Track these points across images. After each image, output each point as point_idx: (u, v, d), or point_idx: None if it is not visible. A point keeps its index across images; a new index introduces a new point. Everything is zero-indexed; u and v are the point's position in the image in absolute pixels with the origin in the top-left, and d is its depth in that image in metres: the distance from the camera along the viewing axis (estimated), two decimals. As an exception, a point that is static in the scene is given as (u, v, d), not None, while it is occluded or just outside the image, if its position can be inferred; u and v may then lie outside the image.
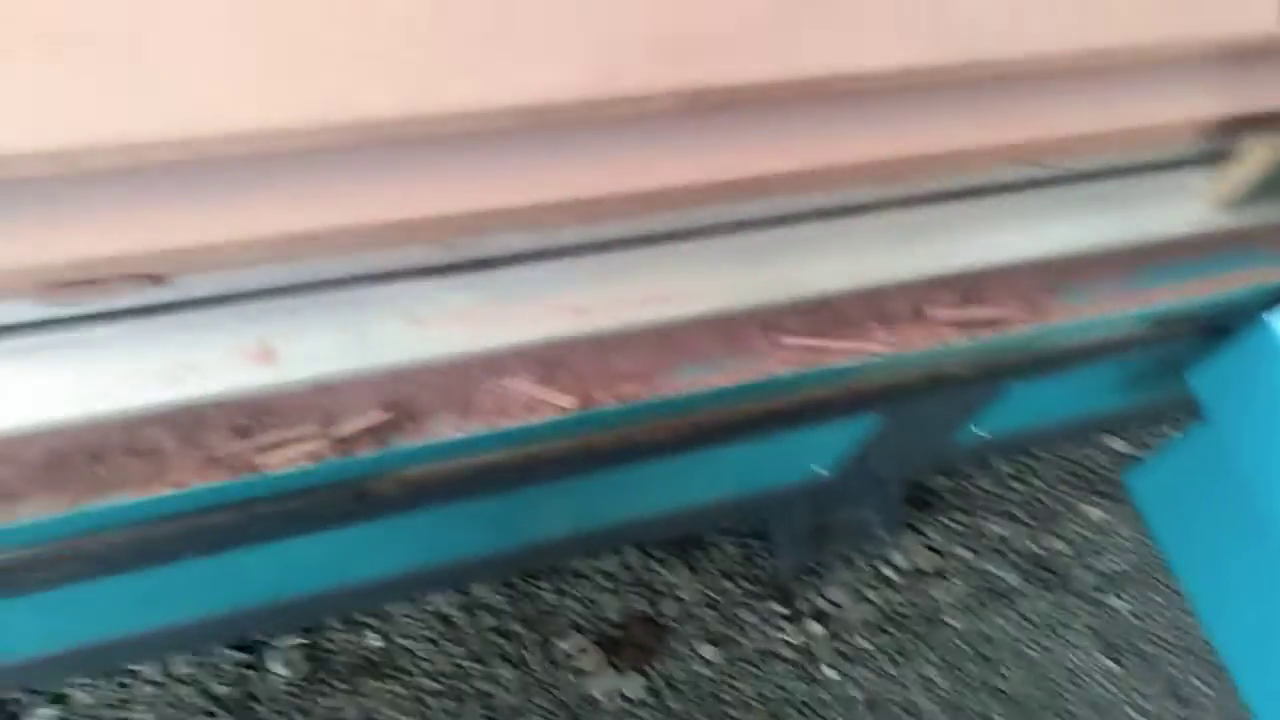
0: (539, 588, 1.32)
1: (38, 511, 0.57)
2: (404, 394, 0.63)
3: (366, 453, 0.61)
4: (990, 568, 1.46)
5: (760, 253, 0.68)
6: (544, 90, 0.60)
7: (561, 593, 1.32)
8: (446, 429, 0.63)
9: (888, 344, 0.69)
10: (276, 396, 0.61)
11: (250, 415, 0.60)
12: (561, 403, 0.64)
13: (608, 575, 1.35)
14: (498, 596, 1.28)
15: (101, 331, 0.60)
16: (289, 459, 0.60)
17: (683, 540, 1.40)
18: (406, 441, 0.62)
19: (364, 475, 0.62)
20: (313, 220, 0.62)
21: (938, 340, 0.69)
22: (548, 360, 0.66)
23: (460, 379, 0.64)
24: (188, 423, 0.60)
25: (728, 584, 1.38)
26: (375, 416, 0.62)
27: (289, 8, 0.62)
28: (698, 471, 1.10)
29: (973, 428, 1.15)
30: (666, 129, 0.68)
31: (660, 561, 1.37)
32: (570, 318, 0.66)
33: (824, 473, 1.20)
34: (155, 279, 0.61)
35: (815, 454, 1.16)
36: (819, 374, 0.68)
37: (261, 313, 0.62)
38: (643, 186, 0.68)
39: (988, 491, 1.50)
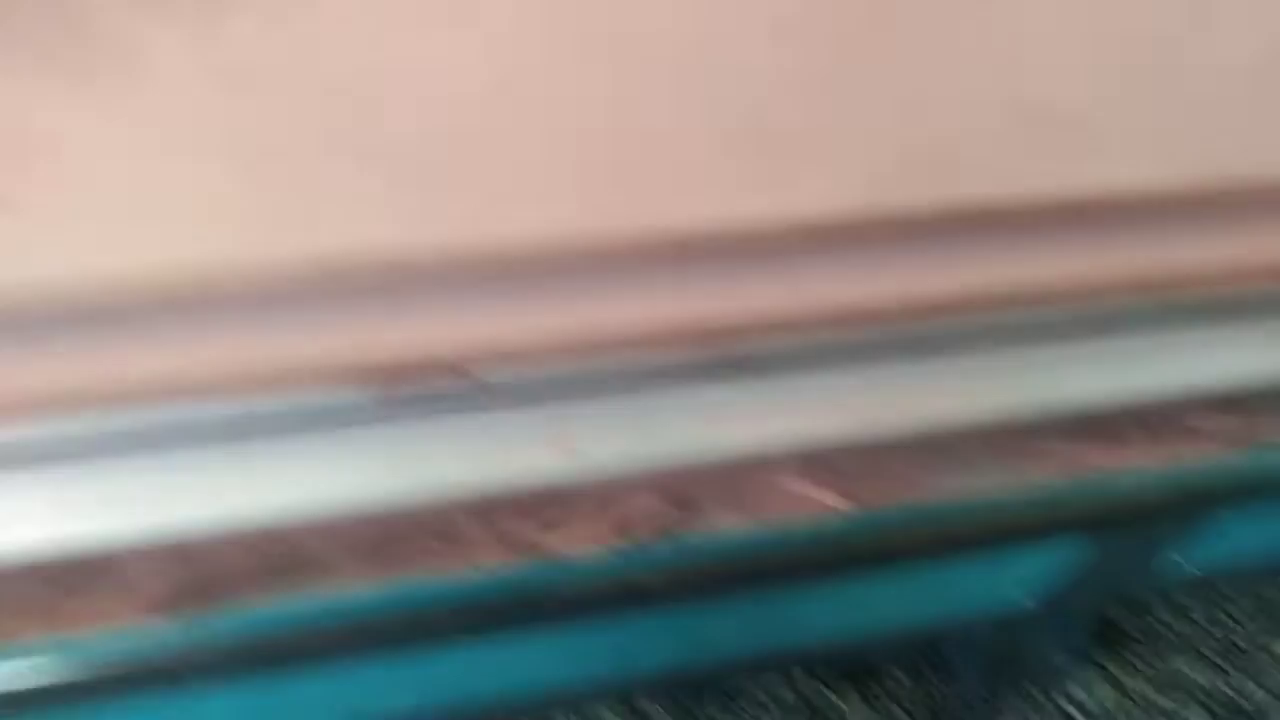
0: (705, 706, 1.30)
1: (349, 585, 0.60)
2: (687, 491, 0.66)
3: (654, 542, 0.64)
4: (1180, 710, 1.38)
5: (1026, 363, 0.71)
6: (820, 204, 0.65)
7: (730, 713, 1.29)
8: (727, 524, 0.65)
9: (1151, 455, 0.70)
10: (575, 490, 0.65)
11: (551, 504, 0.64)
12: (831, 501, 0.66)
13: (776, 698, 1.33)
14: (660, 709, 1.26)
15: (418, 424, 0.65)
16: (581, 544, 0.63)
17: (853, 667, 1.37)
18: (691, 534, 0.64)
19: (642, 567, 0.64)
20: (606, 325, 0.67)
21: (1200, 453, 0.70)
22: (817, 461, 0.68)
23: (738, 477, 0.67)
24: (494, 512, 0.63)
25: (901, 715, 1.33)
26: (664, 508, 0.65)
27: (606, 119, 0.68)
28: (891, 592, 1.09)
29: (1176, 558, 1.12)
30: (933, 242, 0.72)
31: (831, 688, 1.34)
32: (839, 420, 0.68)
33: (1018, 601, 1.17)
34: (466, 375, 0.67)
35: (1014, 579, 1.14)
36: (1075, 485, 0.69)
37: (564, 409, 0.66)
38: (905, 298, 0.72)
39: (1178, 629, 1.43)
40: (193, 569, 0.58)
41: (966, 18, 0.74)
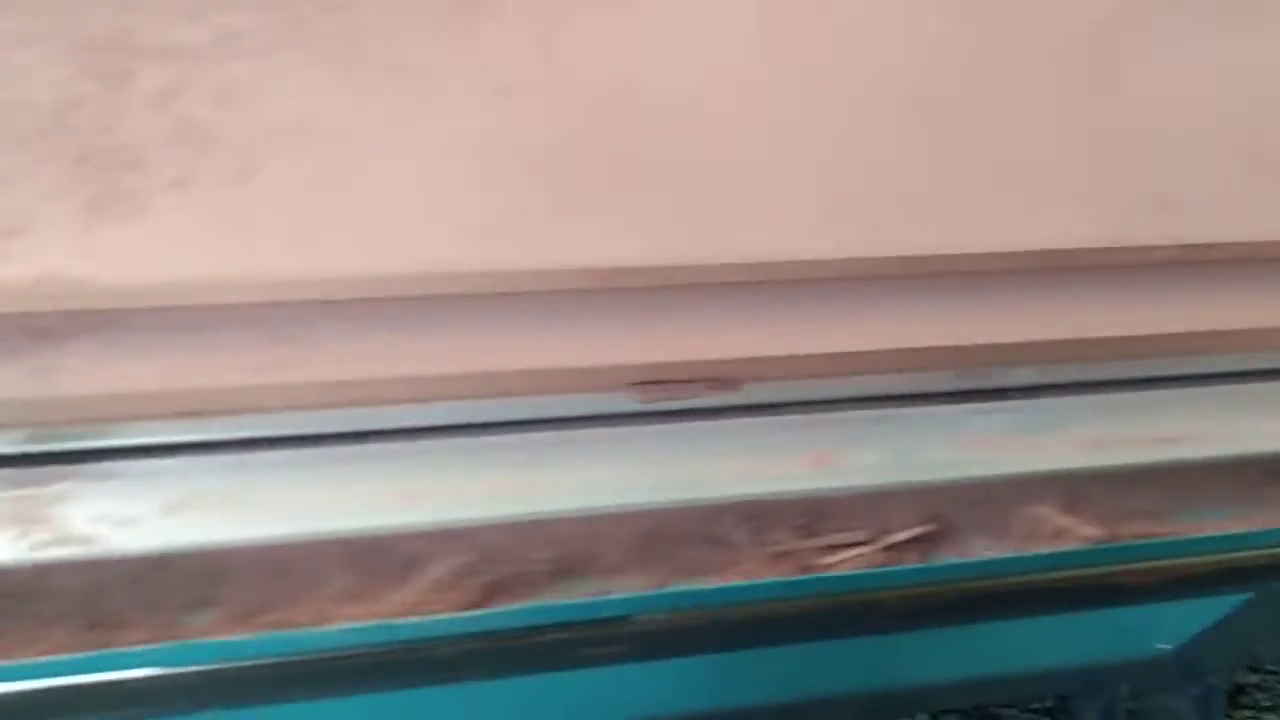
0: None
1: (633, 588, 0.62)
2: (941, 510, 0.67)
3: (913, 562, 0.65)
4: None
5: (1267, 402, 0.72)
6: (1056, 237, 0.67)
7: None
8: (981, 548, 0.66)
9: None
10: (831, 501, 0.66)
11: (810, 516, 0.65)
12: (1087, 533, 0.67)
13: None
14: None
15: (681, 428, 0.67)
16: (845, 562, 0.64)
17: (972, 711, 1.36)
18: (946, 555, 0.66)
19: (892, 586, 0.65)
20: (866, 342, 0.69)
21: None
22: (1069, 491, 0.69)
23: (991, 501, 0.68)
24: (755, 518, 0.65)
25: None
26: (919, 529, 0.66)
27: (862, 150, 0.71)
28: (1031, 634, 1.09)
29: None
30: (1168, 278, 0.74)
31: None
32: (1090, 451, 0.69)
33: (1160, 650, 1.17)
34: (727, 384, 0.68)
35: (1163, 627, 1.13)
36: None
37: (819, 422, 0.68)
38: (1143, 331, 0.73)
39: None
40: (481, 558, 0.60)
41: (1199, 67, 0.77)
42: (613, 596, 0.61)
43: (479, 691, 0.64)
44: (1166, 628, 1.07)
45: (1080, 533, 0.67)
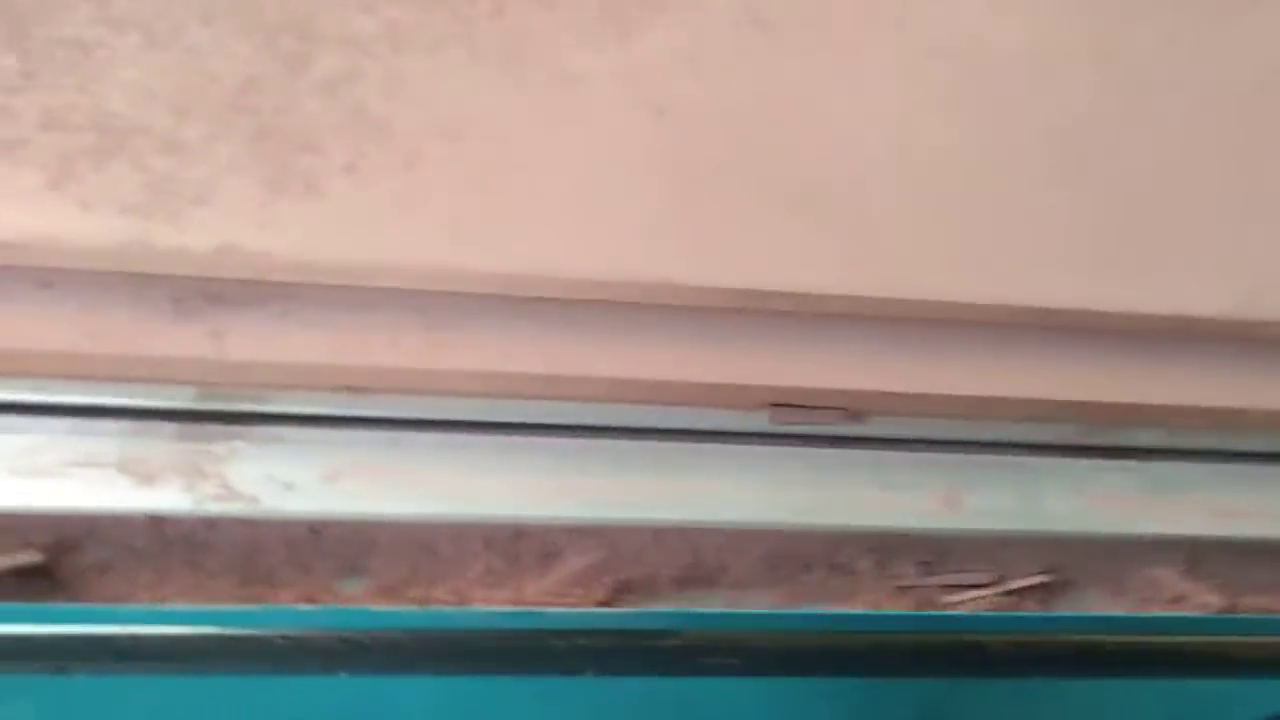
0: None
1: (758, 604, 0.65)
2: (1061, 561, 0.70)
3: (1031, 609, 0.67)
4: None
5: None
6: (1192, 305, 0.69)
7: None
8: (1099, 603, 0.69)
9: None
10: (954, 541, 0.69)
11: (933, 554, 0.68)
12: (1209, 600, 0.69)
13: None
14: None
15: (809, 453, 0.70)
16: (966, 603, 0.67)
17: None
18: (1062, 607, 0.68)
19: (1007, 631, 0.68)
20: (998, 388, 0.71)
21: None
22: (1191, 557, 0.71)
23: (1111, 557, 0.70)
24: (879, 550, 0.67)
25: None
26: (1039, 578, 0.69)
27: (994, 202, 0.74)
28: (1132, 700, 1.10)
29: None
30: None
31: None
32: (1213, 520, 0.71)
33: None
34: (856, 415, 0.71)
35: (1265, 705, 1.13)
36: None
37: (946, 463, 0.70)
38: (1275, 406, 0.75)
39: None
40: (614, 555, 0.63)
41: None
42: (737, 611, 0.64)
43: (597, 687, 0.68)
44: (1248, 708, 1.07)
45: (1200, 599, 0.69)
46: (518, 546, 0.63)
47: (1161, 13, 0.94)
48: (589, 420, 0.68)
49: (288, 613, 0.59)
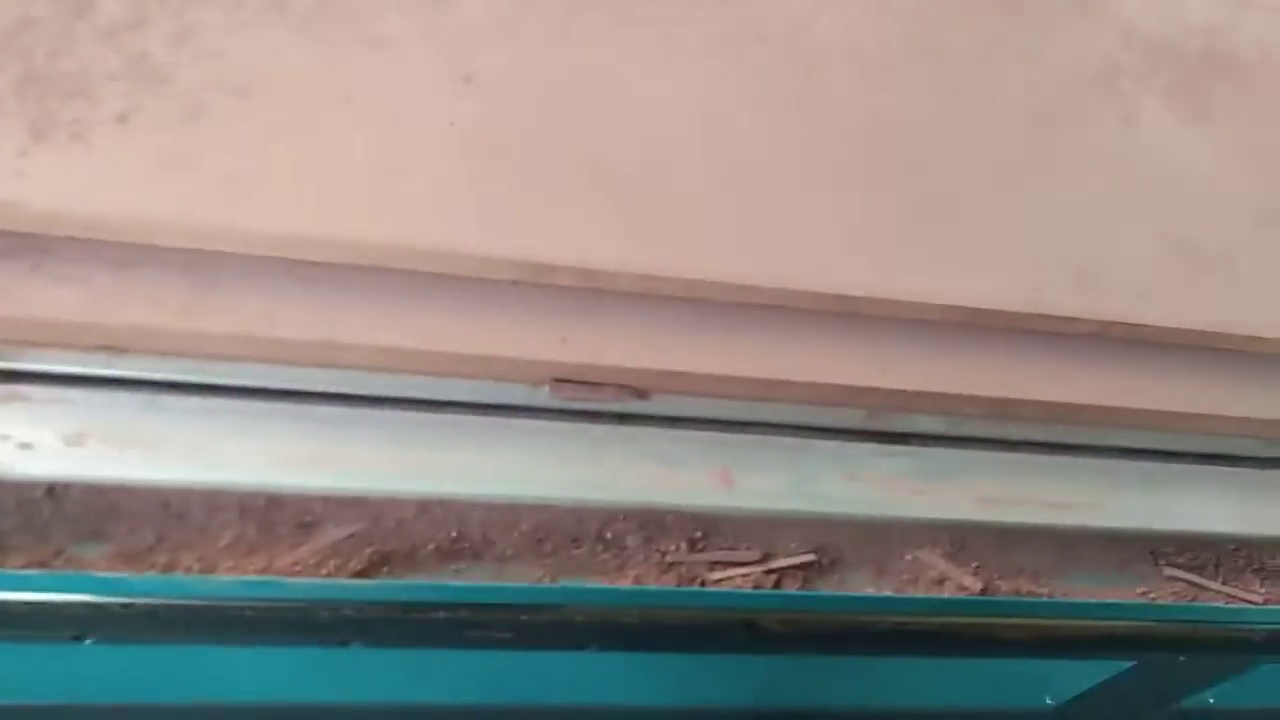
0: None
1: (522, 578, 0.66)
2: (830, 542, 0.73)
3: (792, 588, 0.70)
4: None
5: (1157, 481, 0.78)
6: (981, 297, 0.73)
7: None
8: (862, 584, 0.72)
9: (1264, 597, 0.77)
10: (727, 519, 0.71)
11: (703, 531, 0.70)
12: (967, 583, 0.73)
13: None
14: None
15: (591, 429, 0.71)
16: (730, 580, 0.69)
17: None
18: (826, 587, 0.71)
19: (770, 609, 0.70)
20: (782, 371, 0.74)
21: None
22: (955, 541, 0.75)
23: (879, 540, 0.74)
24: (651, 526, 0.69)
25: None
26: (806, 557, 0.71)
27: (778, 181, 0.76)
28: (918, 675, 1.15)
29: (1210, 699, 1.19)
30: (1082, 351, 0.80)
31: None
32: (981, 506, 0.75)
33: (1045, 705, 1.23)
34: (641, 393, 0.73)
35: (1052, 684, 1.20)
36: (1188, 610, 0.76)
37: (724, 441, 0.73)
38: (1050, 397, 0.80)
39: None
40: (376, 526, 0.64)
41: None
42: (501, 584, 0.65)
43: (361, 657, 0.68)
44: (1055, 685, 1.13)
45: (961, 581, 0.73)
46: (272, 515, 0.63)
47: (983, 16, 0.98)
48: (360, 389, 0.68)
49: (21, 577, 0.58)
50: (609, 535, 0.72)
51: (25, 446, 0.64)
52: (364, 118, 0.77)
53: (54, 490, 0.64)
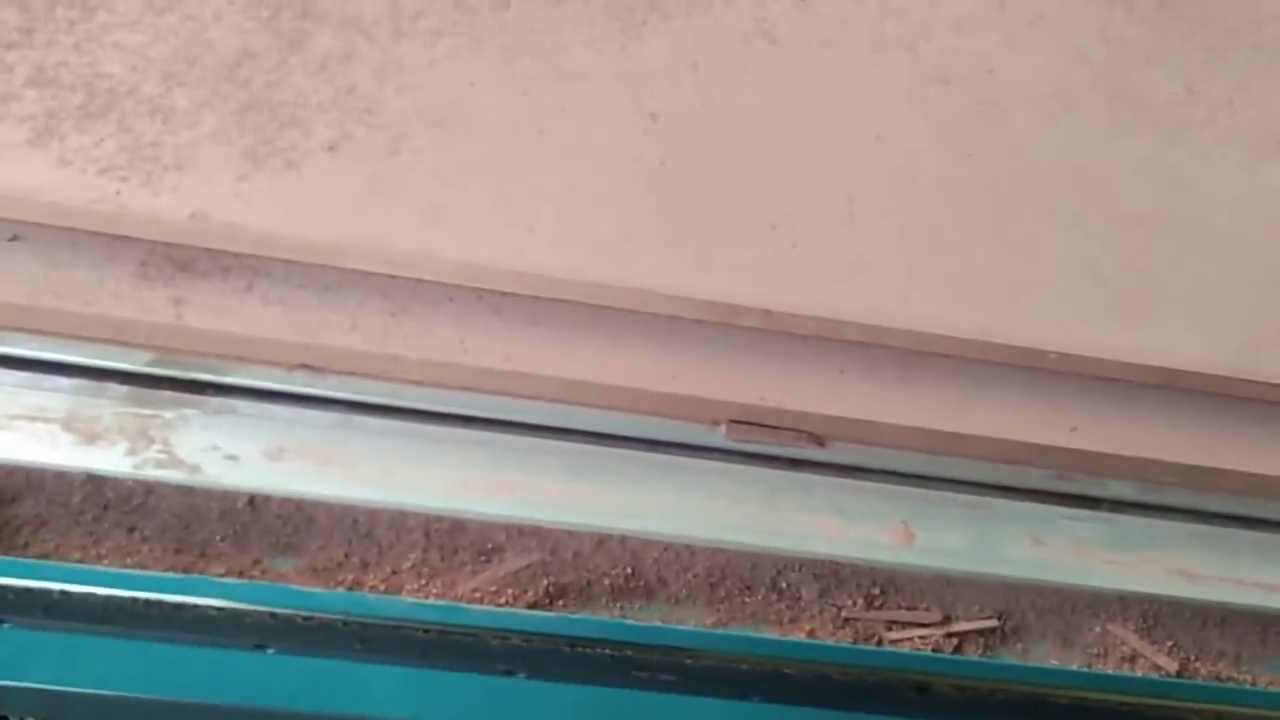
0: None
1: (692, 621, 0.65)
2: (1014, 608, 0.69)
3: (973, 654, 0.66)
4: None
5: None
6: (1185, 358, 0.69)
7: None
8: (1047, 655, 0.68)
9: None
10: (906, 576, 0.68)
11: (881, 587, 0.67)
12: (1162, 663, 0.68)
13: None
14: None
15: (767, 474, 0.70)
16: (909, 640, 0.66)
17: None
18: (1008, 655, 0.67)
19: (948, 674, 0.67)
20: (967, 425, 0.71)
21: None
22: (1148, 616, 0.70)
23: (1065, 609, 0.70)
24: (826, 578, 0.67)
25: None
26: (987, 622, 0.68)
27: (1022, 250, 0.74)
28: None
29: None
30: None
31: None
32: (1176, 580, 0.70)
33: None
34: (818, 439, 0.71)
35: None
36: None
37: (904, 495, 0.70)
38: (1257, 469, 0.74)
39: None
40: (554, 558, 0.64)
41: None
42: (670, 626, 0.64)
43: (522, 689, 0.68)
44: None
45: (1154, 660, 0.68)
46: (456, 540, 0.64)
47: (1177, 60, 0.94)
48: (542, 420, 0.69)
49: (219, 585, 0.60)
50: (783, 585, 0.70)
51: (231, 458, 0.67)
52: (555, 151, 0.79)
53: (254, 502, 0.67)
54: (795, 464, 0.74)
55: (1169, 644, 0.74)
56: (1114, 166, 0.87)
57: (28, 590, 0.63)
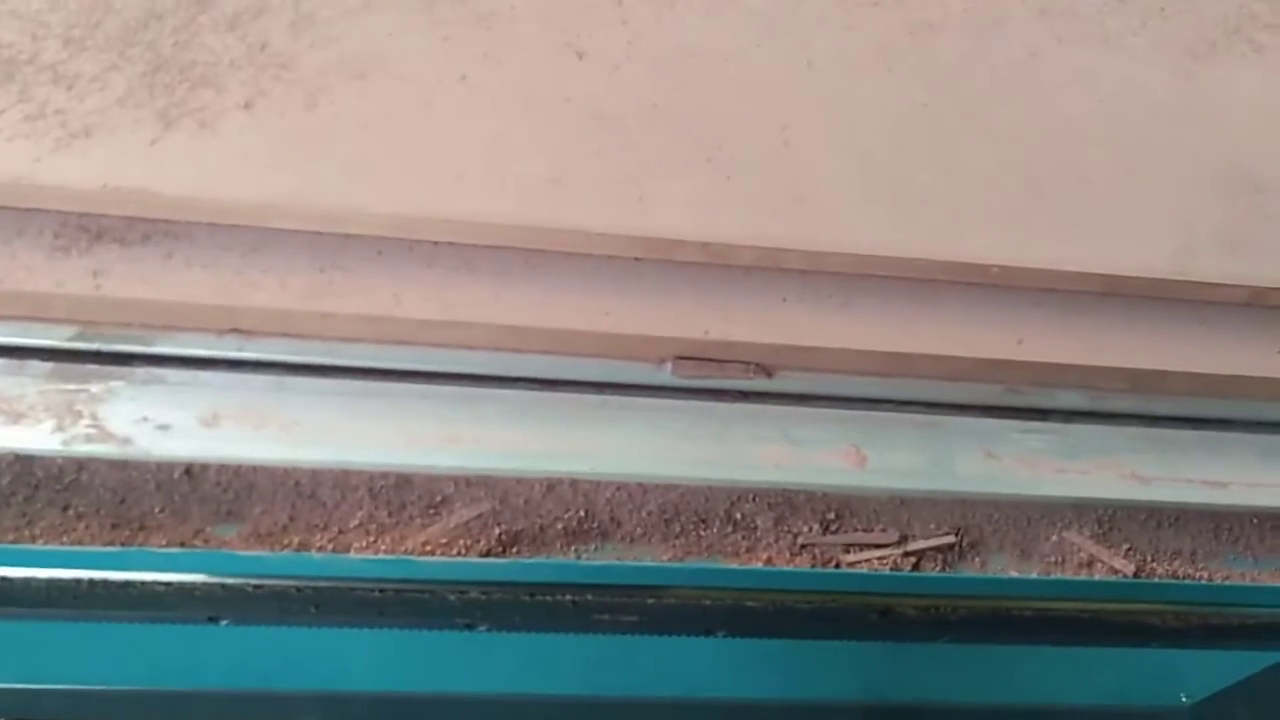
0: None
1: (648, 558, 0.64)
2: (970, 523, 0.69)
3: (932, 571, 0.67)
4: None
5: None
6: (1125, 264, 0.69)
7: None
8: (1005, 567, 0.68)
9: None
10: (860, 499, 0.68)
11: (836, 511, 0.67)
12: (1119, 566, 0.68)
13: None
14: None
15: (716, 408, 0.69)
16: (867, 562, 0.66)
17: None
18: (967, 569, 0.67)
19: (910, 594, 0.67)
20: (913, 345, 0.71)
21: None
22: (1103, 521, 0.71)
23: (1022, 521, 0.70)
24: (781, 506, 0.67)
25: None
26: (945, 539, 0.68)
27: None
28: (1047, 668, 1.11)
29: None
30: (1230, 319, 0.75)
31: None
32: (1130, 484, 0.71)
33: (1179, 704, 1.17)
34: (766, 370, 0.71)
35: (1184, 680, 1.14)
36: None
37: (855, 419, 0.70)
38: (1201, 369, 0.75)
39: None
40: (504, 506, 0.63)
41: None
42: (627, 563, 0.64)
43: (485, 640, 0.67)
44: (1187, 682, 1.08)
45: (1112, 564, 0.69)
46: (402, 495, 0.63)
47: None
48: (483, 369, 0.68)
49: (162, 556, 0.58)
50: (738, 516, 0.70)
51: (164, 428, 0.65)
52: (479, 96, 0.77)
53: (191, 470, 0.65)
54: (743, 396, 0.74)
55: (1125, 547, 0.74)
56: (1047, 79, 0.86)
57: (-41, 577, 0.62)
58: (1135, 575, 0.73)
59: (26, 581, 0.63)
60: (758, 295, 0.75)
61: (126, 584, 0.63)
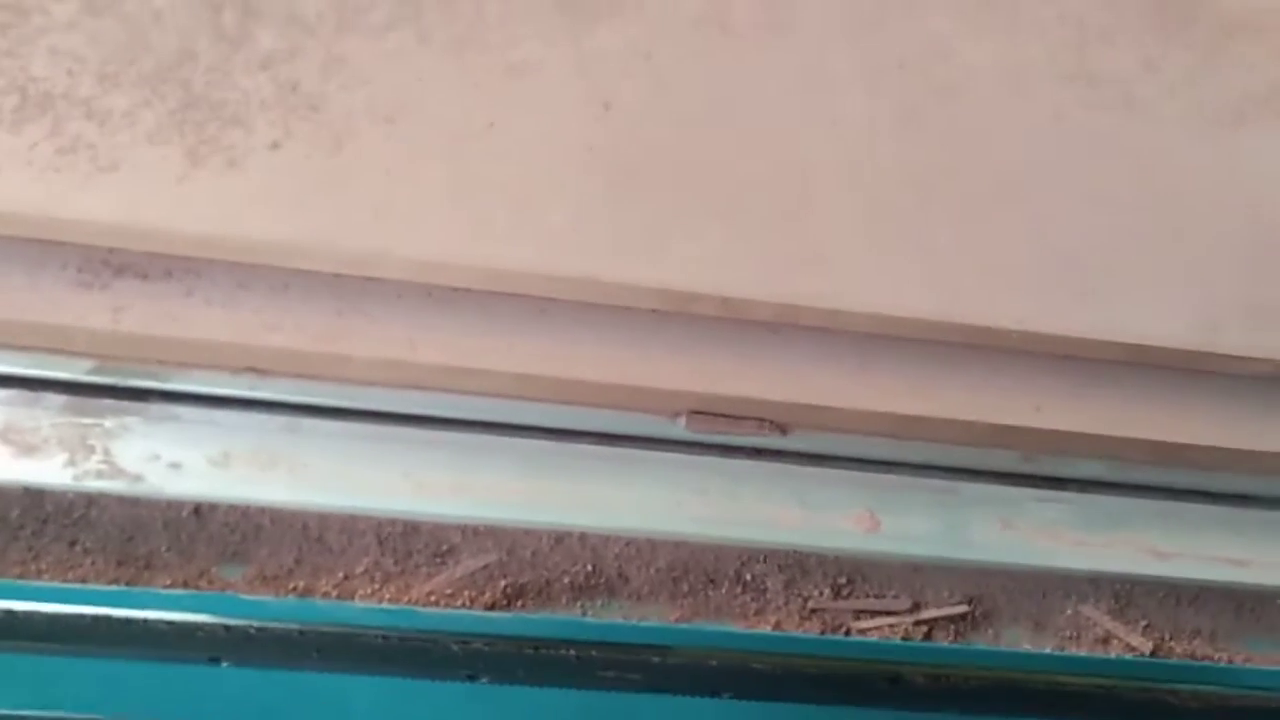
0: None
1: (655, 617, 0.63)
2: (984, 592, 0.68)
3: (944, 641, 0.65)
4: None
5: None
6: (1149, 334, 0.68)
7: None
8: (1019, 639, 0.67)
9: None
10: (873, 564, 0.67)
11: (848, 575, 0.66)
12: (1136, 643, 0.67)
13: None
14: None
15: (728, 464, 0.68)
16: (879, 629, 0.65)
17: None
18: (980, 641, 0.66)
19: (919, 662, 0.66)
20: (932, 408, 0.70)
21: None
22: (1120, 596, 0.69)
23: (1037, 593, 0.68)
24: (792, 568, 0.66)
25: None
26: (958, 608, 0.67)
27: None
28: None
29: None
30: (1255, 393, 0.74)
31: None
32: (1149, 559, 0.69)
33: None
34: (781, 427, 0.70)
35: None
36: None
37: (869, 482, 0.69)
38: (1225, 443, 0.73)
39: None
40: (511, 558, 0.62)
41: None
42: (635, 623, 0.63)
43: (487, 692, 0.66)
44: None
45: (1128, 641, 0.67)
46: (410, 543, 0.62)
47: (1137, 37, 0.93)
48: (496, 417, 0.68)
49: (169, 597, 0.58)
50: (748, 576, 0.69)
51: (175, 466, 0.65)
52: (506, 144, 0.77)
53: (200, 510, 0.65)
54: (757, 453, 0.73)
55: (1143, 624, 0.73)
56: (1072, 144, 0.86)
57: (-37, 609, 0.62)
58: (1153, 654, 0.71)
59: (29, 615, 0.62)
60: (775, 352, 0.74)
61: (128, 621, 0.63)
